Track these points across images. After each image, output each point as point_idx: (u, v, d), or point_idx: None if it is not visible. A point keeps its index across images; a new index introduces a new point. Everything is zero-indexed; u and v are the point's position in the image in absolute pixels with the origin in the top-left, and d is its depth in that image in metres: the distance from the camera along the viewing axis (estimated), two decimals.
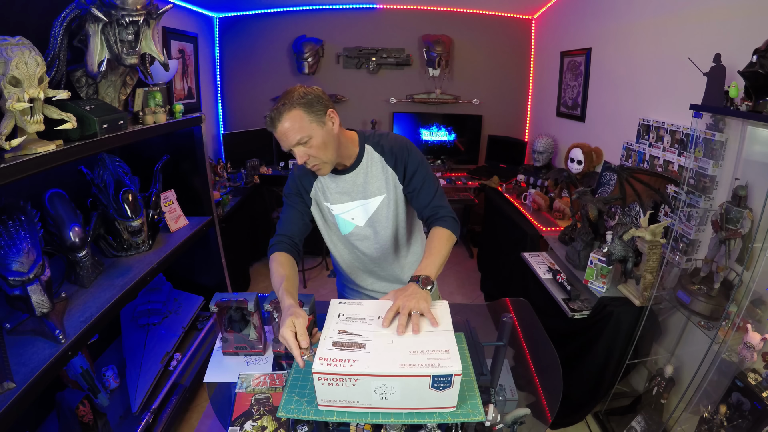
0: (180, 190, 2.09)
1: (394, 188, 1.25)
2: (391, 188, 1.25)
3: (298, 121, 1.05)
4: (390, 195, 1.25)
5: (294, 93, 1.07)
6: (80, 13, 1.43)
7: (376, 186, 1.25)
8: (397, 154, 1.23)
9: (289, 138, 1.06)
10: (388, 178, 1.24)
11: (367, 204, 1.26)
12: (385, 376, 0.78)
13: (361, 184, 1.24)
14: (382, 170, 1.24)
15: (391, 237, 1.32)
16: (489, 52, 3.95)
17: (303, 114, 1.06)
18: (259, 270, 3.66)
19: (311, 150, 1.09)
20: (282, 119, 1.05)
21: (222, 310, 1.21)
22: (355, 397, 0.80)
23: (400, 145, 1.24)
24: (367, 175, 1.24)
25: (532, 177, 3.22)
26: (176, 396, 1.89)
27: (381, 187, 1.25)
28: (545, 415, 1.10)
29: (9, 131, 1.13)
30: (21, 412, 1.05)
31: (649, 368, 1.97)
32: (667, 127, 2.03)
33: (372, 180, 1.24)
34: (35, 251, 1.23)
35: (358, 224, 1.29)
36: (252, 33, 3.84)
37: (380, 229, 1.30)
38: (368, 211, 1.27)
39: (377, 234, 1.31)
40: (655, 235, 1.66)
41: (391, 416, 0.81)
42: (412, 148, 1.25)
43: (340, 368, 0.78)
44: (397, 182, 1.25)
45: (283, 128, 1.05)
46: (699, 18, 1.87)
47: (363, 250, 1.35)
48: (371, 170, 1.24)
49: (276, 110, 1.05)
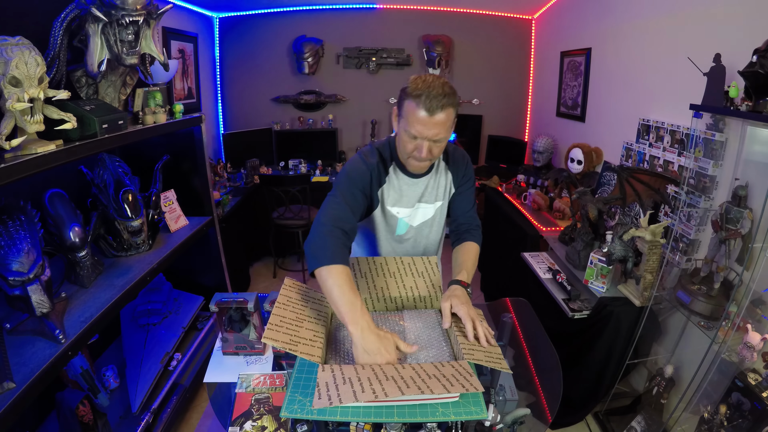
0: (180, 190, 2.09)
1: (449, 194, 1.32)
2: (446, 195, 1.32)
3: (450, 119, 1.06)
4: (445, 202, 1.32)
5: (452, 89, 1.06)
6: (80, 13, 1.43)
7: (438, 192, 1.30)
8: (459, 160, 1.31)
9: (437, 130, 1.05)
10: (447, 185, 1.31)
11: (426, 209, 1.31)
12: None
13: (432, 187, 1.29)
14: (445, 176, 1.30)
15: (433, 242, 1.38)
16: (489, 52, 3.95)
17: (452, 115, 1.07)
18: (259, 270, 3.66)
19: (436, 149, 1.10)
20: (442, 111, 1.03)
21: (222, 310, 1.20)
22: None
23: (461, 152, 1.33)
24: (435, 180, 1.29)
25: (532, 177, 3.22)
26: (176, 396, 1.89)
27: (440, 194, 1.31)
28: (545, 415, 1.10)
29: (9, 131, 1.13)
30: (21, 412, 1.04)
31: (649, 368, 1.97)
32: (667, 127, 2.03)
33: (437, 186, 1.30)
34: (35, 251, 1.23)
35: (411, 224, 1.32)
36: (252, 33, 3.84)
37: (429, 232, 1.35)
38: (426, 215, 1.32)
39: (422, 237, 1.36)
40: (655, 235, 1.66)
41: (393, 415, 0.81)
42: (468, 157, 1.35)
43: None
44: (452, 187, 1.31)
45: (439, 119, 1.03)
46: (699, 18, 1.87)
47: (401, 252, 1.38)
48: (437, 176, 1.29)
49: (437, 97, 1.01)
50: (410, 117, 1.05)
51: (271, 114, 4.03)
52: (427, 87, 1.03)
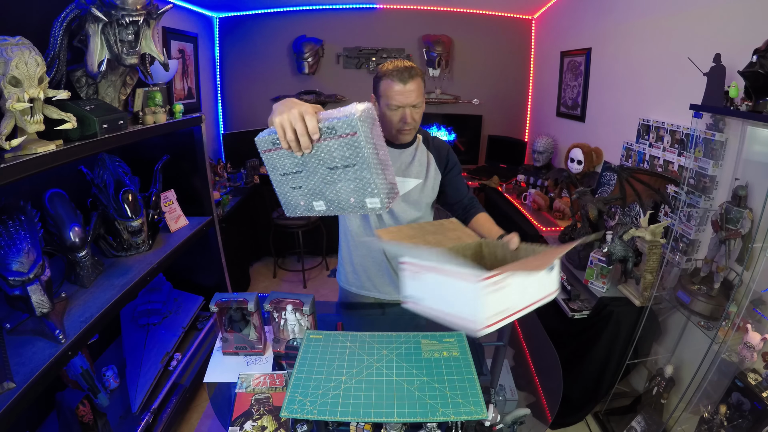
0: (180, 190, 2.09)
1: (433, 177, 1.40)
2: (430, 176, 1.40)
3: (420, 86, 1.24)
4: (426, 183, 1.39)
5: (412, 63, 1.24)
6: (80, 13, 1.43)
7: (417, 170, 1.38)
8: (440, 145, 1.45)
9: (413, 97, 1.22)
10: (429, 167, 1.40)
11: (403, 183, 1.37)
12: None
13: (407, 163, 1.37)
14: (427, 159, 1.41)
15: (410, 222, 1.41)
16: (489, 52, 3.95)
17: (421, 84, 1.25)
18: (259, 270, 3.66)
19: (417, 114, 1.26)
20: (412, 80, 1.21)
21: (222, 310, 1.21)
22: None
23: (441, 140, 1.48)
24: (413, 157, 1.38)
25: (532, 177, 3.22)
26: (176, 396, 1.89)
27: (420, 173, 1.39)
28: (545, 415, 1.10)
29: (9, 131, 1.13)
30: (21, 412, 1.04)
31: (649, 368, 1.97)
32: (667, 127, 2.03)
33: (416, 163, 1.38)
34: (35, 251, 1.23)
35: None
36: (252, 33, 3.83)
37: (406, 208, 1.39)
38: (403, 189, 1.37)
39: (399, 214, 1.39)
40: (655, 235, 1.66)
41: (393, 415, 0.81)
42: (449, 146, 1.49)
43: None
44: (437, 171, 1.42)
45: (411, 87, 1.21)
46: (699, 18, 1.87)
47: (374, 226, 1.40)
48: (417, 155, 1.39)
49: (406, 69, 1.20)
50: (389, 92, 1.22)
51: (271, 114, 4.02)
52: (395, 66, 1.22)
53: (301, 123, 0.77)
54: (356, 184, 0.81)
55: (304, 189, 0.88)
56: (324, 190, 0.85)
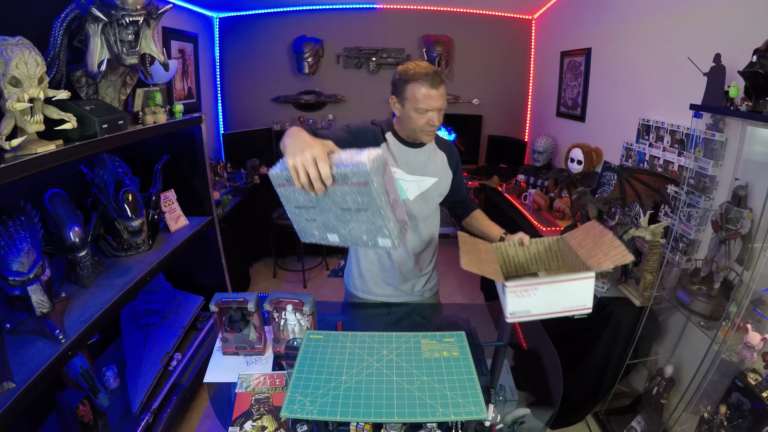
0: (180, 190, 2.08)
1: (446, 176, 1.45)
2: (444, 175, 1.44)
3: (445, 90, 1.27)
4: (440, 181, 1.43)
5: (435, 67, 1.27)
6: (80, 13, 1.43)
7: (432, 168, 1.41)
8: (449, 146, 1.50)
9: (441, 101, 1.26)
10: (443, 166, 1.44)
11: (421, 181, 1.40)
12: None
13: (423, 162, 1.39)
14: (440, 158, 1.45)
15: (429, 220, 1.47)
16: (489, 52, 3.95)
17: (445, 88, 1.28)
18: (259, 270, 3.66)
19: (441, 117, 1.29)
20: (442, 84, 1.25)
21: (222, 310, 1.21)
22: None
23: (449, 142, 1.52)
24: (429, 156, 1.41)
25: (532, 177, 3.22)
26: (176, 396, 1.89)
27: (436, 171, 1.42)
28: (545, 415, 1.10)
29: (9, 131, 1.13)
30: (21, 412, 1.04)
31: (649, 368, 1.97)
32: (667, 127, 2.03)
33: (431, 162, 1.41)
34: (35, 251, 1.23)
35: (408, 197, 1.39)
36: (252, 33, 3.84)
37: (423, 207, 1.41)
38: (421, 188, 1.40)
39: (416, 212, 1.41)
40: (655, 235, 1.66)
41: (393, 415, 0.81)
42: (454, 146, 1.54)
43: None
44: (449, 171, 1.46)
45: (441, 91, 1.24)
46: (699, 18, 1.87)
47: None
48: (433, 154, 1.42)
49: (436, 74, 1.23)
50: (418, 95, 1.22)
51: (271, 114, 4.03)
52: (424, 70, 1.23)
53: (314, 168, 0.77)
54: (369, 227, 0.84)
55: (318, 222, 0.89)
56: (337, 226, 0.87)
